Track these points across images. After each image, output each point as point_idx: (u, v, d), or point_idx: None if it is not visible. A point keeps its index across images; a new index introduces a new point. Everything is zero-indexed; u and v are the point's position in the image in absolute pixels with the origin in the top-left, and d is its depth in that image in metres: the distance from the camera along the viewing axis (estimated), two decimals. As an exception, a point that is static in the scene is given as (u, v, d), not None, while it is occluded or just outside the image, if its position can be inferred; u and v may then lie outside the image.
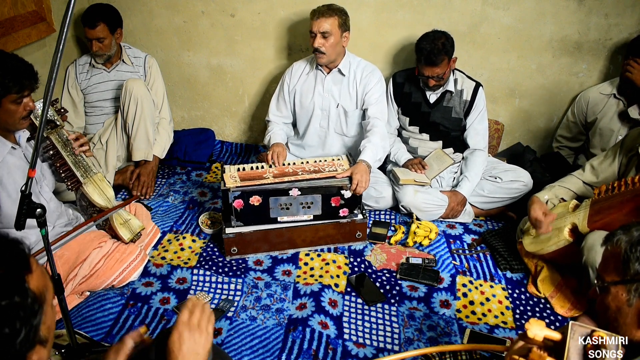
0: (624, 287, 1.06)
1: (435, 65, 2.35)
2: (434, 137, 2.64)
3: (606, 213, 1.84)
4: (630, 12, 2.51)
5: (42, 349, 0.79)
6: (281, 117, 2.68)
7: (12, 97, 1.69)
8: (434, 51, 2.33)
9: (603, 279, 1.12)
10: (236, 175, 2.24)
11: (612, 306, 1.09)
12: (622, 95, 2.45)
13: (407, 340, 1.88)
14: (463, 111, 2.54)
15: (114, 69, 2.82)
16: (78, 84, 2.83)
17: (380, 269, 2.24)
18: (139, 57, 2.89)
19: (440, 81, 2.43)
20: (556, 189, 2.16)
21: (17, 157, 1.84)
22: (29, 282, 0.77)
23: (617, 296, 1.08)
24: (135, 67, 2.86)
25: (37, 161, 1.27)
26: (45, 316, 0.80)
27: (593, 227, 1.88)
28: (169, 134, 2.93)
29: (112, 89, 2.83)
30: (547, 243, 2.02)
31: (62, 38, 1.14)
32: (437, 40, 2.34)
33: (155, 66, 2.91)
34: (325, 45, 2.36)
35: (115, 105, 2.84)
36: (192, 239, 2.42)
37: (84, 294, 2.03)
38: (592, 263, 1.79)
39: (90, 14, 2.61)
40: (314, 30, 2.35)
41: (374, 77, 2.50)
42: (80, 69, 2.83)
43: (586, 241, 1.86)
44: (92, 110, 2.87)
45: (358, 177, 2.20)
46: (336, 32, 2.35)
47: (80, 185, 2.01)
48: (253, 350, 1.82)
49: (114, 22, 2.68)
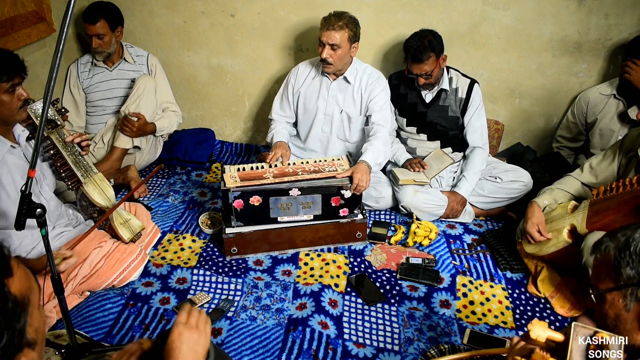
0: (619, 293, 1.06)
1: (422, 62, 2.36)
2: (432, 137, 2.64)
3: (605, 214, 1.84)
4: (630, 12, 2.51)
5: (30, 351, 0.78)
6: (284, 116, 2.68)
7: (4, 86, 1.69)
8: (420, 48, 2.34)
9: (597, 288, 1.12)
10: (236, 175, 2.24)
11: (611, 314, 1.08)
12: (622, 96, 2.45)
13: (407, 340, 1.88)
14: (459, 109, 2.54)
15: (115, 67, 2.82)
16: (80, 83, 2.82)
17: (380, 269, 2.24)
18: (141, 55, 2.89)
19: (429, 79, 2.42)
20: (555, 192, 2.15)
21: (16, 156, 1.83)
22: (10, 286, 0.75)
23: (613, 303, 1.07)
24: (138, 66, 2.86)
25: (37, 161, 1.27)
26: (31, 318, 0.78)
27: (592, 228, 1.88)
28: (171, 120, 2.92)
29: (115, 88, 2.83)
30: (547, 244, 2.02)
31: (62, 38, 1.14)
32: (424, 38, 2.36)
33: (158, 64, 2.92)
34: (333, 57, 2.35)
35: (118, 105, 2.84)
36: (192, 239, 2.42)
37: (84, 293, 2.03)
38: (591, 264, 1.78)
39: (91, 10, 2.61)
40: (322, 40, 2.33)
41: (379, 84, 2.49)
42: (82, 68, 2.83)
43: (586, 242, 1.86)
44: (93, 109, 2.87)
45: (358, 176, 2.20)
46: (345, 44, 2.34)
47: (81, 185, 2.01)
48: (253, 350, 1.82)
49: (114, 20, 2.67)
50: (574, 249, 1.92)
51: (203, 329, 1.05)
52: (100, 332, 1.87)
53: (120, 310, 1.97)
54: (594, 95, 2.58)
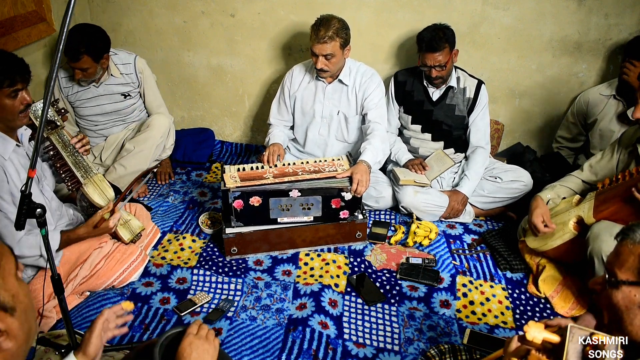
0: (638, 288, 1.03)
1: (436, 52, 2.35)
2: (436, 137, 2.64)
3: (612, 202, 1.86)
4: (630, 12, 2.51)
5: (7, 316, 0.79)
6: (282, 120, 2.68)
7: (6, 91, 1.69)
8: (435, 38, 2.35)
9: (615, 275, 1.08)
10: (236, 176, 2.24)
11: (621, 304, 1.06)
12: (621, 97, 2.45)
13: (407, 340, 1.88)
14: (466, 109, 2.54)
15: (102, 83, 2.60)
16: (64, 98, 2.60)
17: (380, 269, 2.24)
18: (127, 63, 2.67)
19: (442, 71, 2.41)
20: (557, 188, 2.16)
21: (20, 155, 1.83)
22: None
23: (629, 296, 1.05)
24: (126, 77, 2.66)
25: (37, 161, 1.27)
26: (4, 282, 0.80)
27: (599, 217, 1.89)
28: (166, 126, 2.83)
29: (104, 104, 2.64)
30: (552, 237, 2.02)
31: (62, 38, 1.14)
32: (438, 30, 2.38)
33: (146, 68, 2.75)
34: (329, 66, 2.36)
35: (110, 119, 2.70)
36: (192, 239, 2.42)
37: (84, 294, 2.03)
38: (597, 252, 1.79)
39: (72, 44, 2.29)
40: (315, 51, 2.33)
41: (372, 82, 2.49)
42: (64, 82, 2.57)
43: (591, 231, 1.87)
44: (85, 123, 2.71)
45: (358, 177, 2.20)
46: (338, 52, 2.34)
47: (81, 186, 2.01)
48: (253, 350, 1.82)
49: (98, 51, 2.41)
50: (578, 242, 1.93)
51: (212, 341, 1.14)
52: (100, 332, 1.87)
53: (120, 310, 1.97)
54: (594, 95, 2.58)
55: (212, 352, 1.12)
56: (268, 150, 2.41)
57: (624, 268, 1.07)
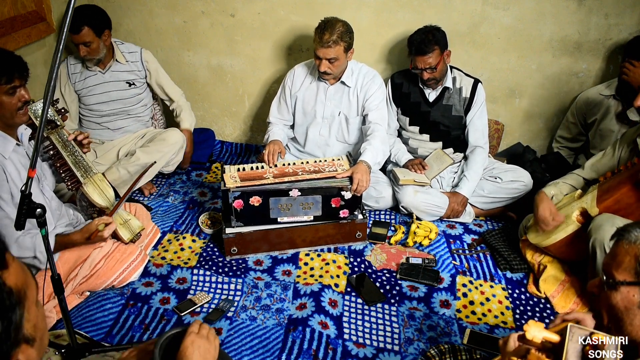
0: (637, 288, 1.03)
1: (426, 55, 2.36)
2: (434, 138, 2.64)
3: (615, 189, 1.87)
4: (630, 12, 2.51)
5: (29, 348, 0.78)
6: (282, 119, 2.68)
7: (3, 88, 1.69)
8: (424, 41, 2.35)
9: (613, 276, 1.08)
10: (236, 176, 2.24)
11: (620, 305, 1.06)
12: (620, 97, 2.45)
13: (407, 340, 1.88)
14: (463, 108, 2.54)
15: (108, 70, 2.66)
16: (72, 85, 2.67)
17: (380, 269, 2.24)
18: (134, 51, 2.74)
19: (433, 73, 2.42)
20: (560, 185, 2.17)
21: (21, 154, 1.83)
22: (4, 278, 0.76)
23: (627, 296, 1.05)
24: (131, 65, 2.72)
25: (37, 161, 1.27)
26: (29, 313, 0.79)
27: (602, 206, 1.90)
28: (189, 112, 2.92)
29: (110, 91, 2.69)
30: (555, 231, 2.03)
31: (62, 38, 1.15)
32: (428, 32, 2.38)
33: (153, 59, 2.80)
34: (332, 69, 2.37)
35: (115, 108, 2.73)
36: (192, 239, 2.42)
37: (84, 294, 2.03)
38: (600, 242, 1.80)
39: (73, 18, 2.44)
40: (319, 55, 2.33)
41: (374, 83, 2.49)
42: (72, 69, 2.65)
43: (593, 223, 1.88)
44: (88, 113, 2.74)
45: (358, 176, 2.20)
46: (342, 56, 2.35)
47: (81, 186, 2.01)
48: (253, 350, 1.82)
49: (99, 25, 2.48)
50: (580, 237, 1.94)
51: (213, 341, 1.14)
52: (100, 332, 1.87)
53: (120, 310, 1.97)
54: (594, 95, 2.58)
55: (213, 352, 1.12)
56: (268, 148, 2.41)
57: (620, 269, 1.07)
